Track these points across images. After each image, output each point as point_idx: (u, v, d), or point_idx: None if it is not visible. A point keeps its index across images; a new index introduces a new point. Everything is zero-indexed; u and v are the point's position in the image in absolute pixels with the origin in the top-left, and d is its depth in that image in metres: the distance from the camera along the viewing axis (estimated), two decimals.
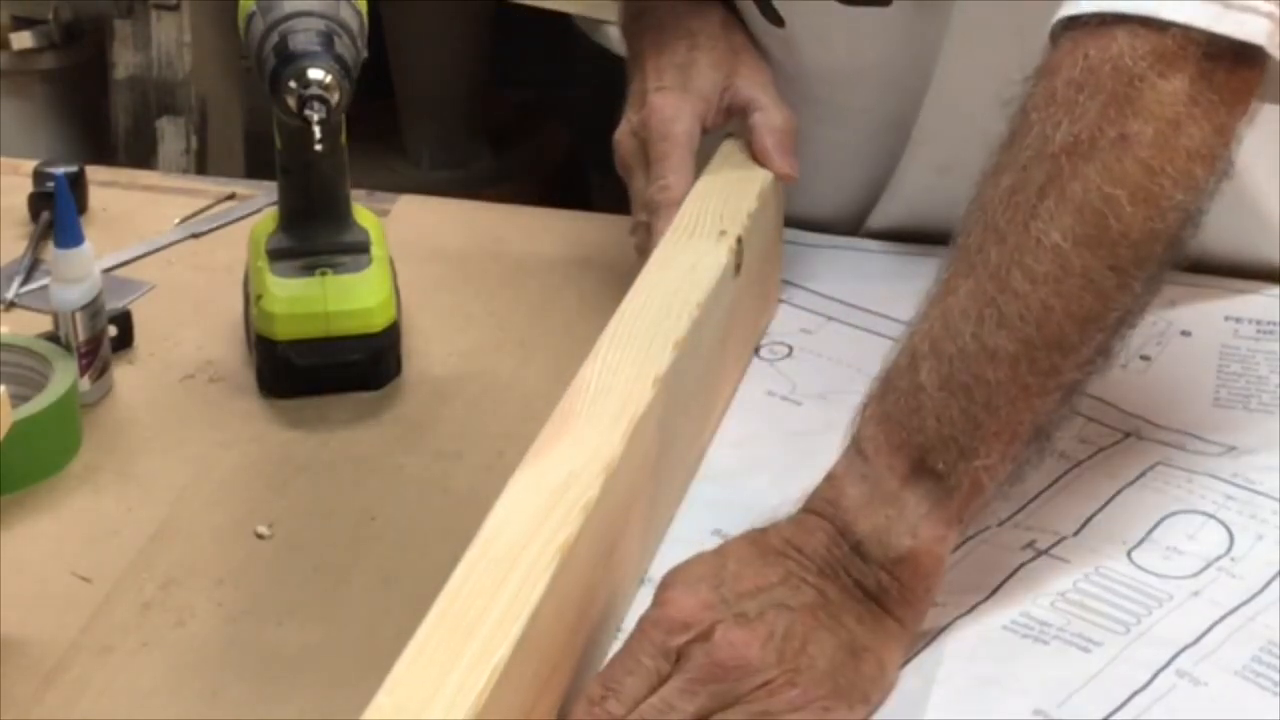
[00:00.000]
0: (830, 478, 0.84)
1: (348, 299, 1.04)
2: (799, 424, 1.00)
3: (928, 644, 0.84)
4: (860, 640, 0.80)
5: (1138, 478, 0.95)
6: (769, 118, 1.07)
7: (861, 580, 0.81)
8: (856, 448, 0.84)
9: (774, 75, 1.10)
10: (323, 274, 1.05)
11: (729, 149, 1.08)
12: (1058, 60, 0.85)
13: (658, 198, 1.04)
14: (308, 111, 0.96)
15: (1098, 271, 0.82)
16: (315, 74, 0.96)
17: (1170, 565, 0.88)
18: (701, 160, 1.07)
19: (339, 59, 0.97)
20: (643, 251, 1.02)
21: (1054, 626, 0.84)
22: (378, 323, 1.05)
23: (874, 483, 0.82)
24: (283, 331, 1.04)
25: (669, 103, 1.07)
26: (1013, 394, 0.82)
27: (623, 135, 1.09)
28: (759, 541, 0.83)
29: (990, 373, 0.81)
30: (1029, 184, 0.83)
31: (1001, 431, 0.82)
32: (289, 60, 0.97)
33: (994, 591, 0.87)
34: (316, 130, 0.97)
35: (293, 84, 0.96)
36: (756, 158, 1.07)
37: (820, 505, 0.83)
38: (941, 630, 0.84)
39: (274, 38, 0.98)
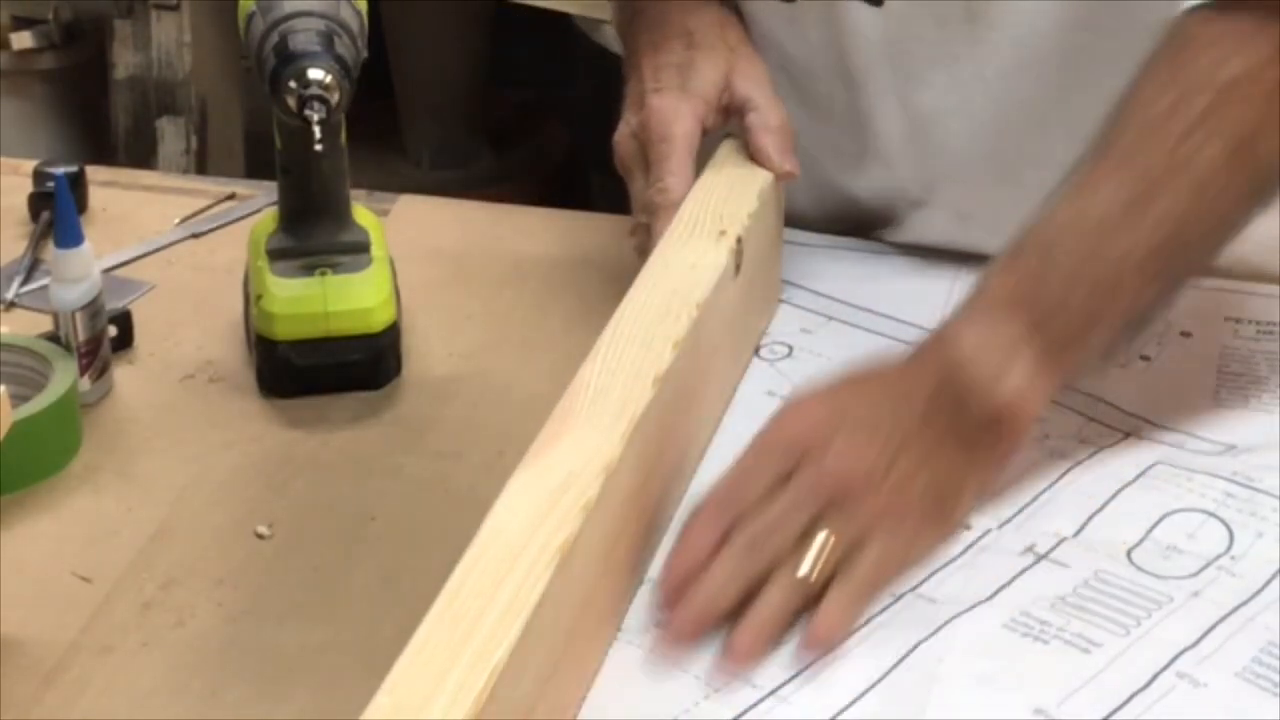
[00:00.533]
0: (948, 324, 0.91)
1: (348, 299, 1.04)
2: None
3: (927, 640, 0.84)
4: (953, 478, 0.88)
5: (1137, 476, 0.95)
6: (765, 118, 1.07)
7: (963, 422, 0.88)
8: (979, 300, 0.91)
9: (770, 73, 1.10)
10: (323, 274, 1.05)
11: (729, 149, 1.08)
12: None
13: (656, 199, 1.04)
14: (308, 111, 0.96)
15: (1238, 189, 0.91)
16: (315, 74, 0.96)
17: (1170, 565, 0.88)
18: (701, 160, 1.07)
19: (339, 59, 0.97)
20: (642, 253, 1.03)
21: (1054, 626, 0.84)
22: (378, 323, 1.05)
23: (990, 333, 0.89)
24: (283, 331, 1.04)
25: (668, 104, 1.07)
26: (1137, 286, 0.90)
27: (622, 137, 1.09)
28: (871, 376, 0.90)
29: (1122, 267, 0.89)
30: (1191, 105, 0.90)
31: (1118, 316, 0.91)
32: (289, 60, 0.97)
33: (994, 596, 0.87)
34: (316, 130, 0.97)
35: (293, 84, 0.96)
36: (755, 158, 1.07)
37: (934, 347, 0.90)
38: (941, 627, 0.84)
39: (274, 38, 0.98)
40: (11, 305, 1.14)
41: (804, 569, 0.83)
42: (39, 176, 1.23)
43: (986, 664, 0.82)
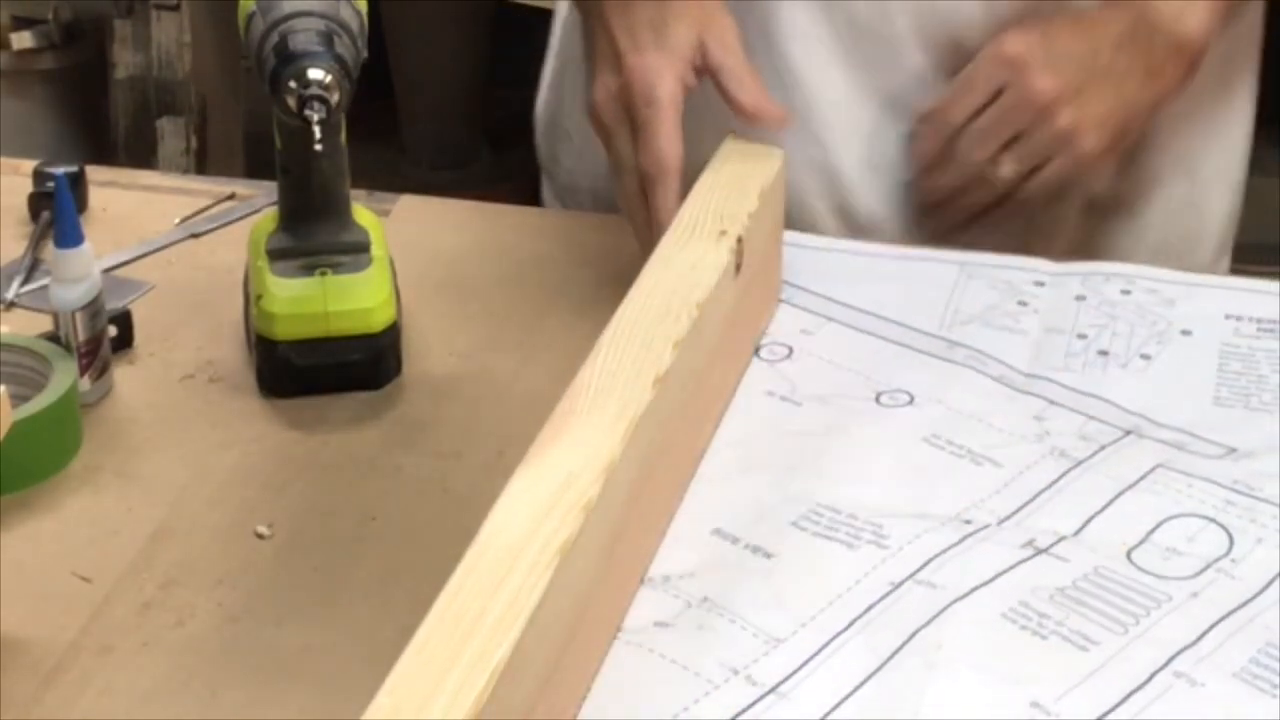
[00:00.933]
0: None
1: (348, 299, 1.04)
2: (799, 424, 1.00)
3: (926, 626, 0.84)
4: (1137, 104, 1.08)
5: (1138, 481, 0.95)
6: (739, 82, 1.07)
7: (1150, 54, 1.07)
8: None
9: (743, 33, 1.10)
10: (323, 274, 1.05)
11: (729, 149, 1.08)
12: None
13: (653, 171, 1.04)
14: (308, 111, 0.96)
15: None
16: (315, 74, 0.96)
17: (1169, 566, 0.88)
18: (702, 161, 1.07)
19: (339, 59, 0.97)
20: (646, 225, 1.04)
21: (1053, 620, 0.84)
22: (378, 323, 1.05)
23: None
24: (283, 331, 1.04)
25: (649, 64, 1.05)
26: None
27: (602, 99, 1.07)
28: (1070, 17, 1.08)
29: None
30: None
31: None
32: (289, 60, 0.97)
33: (993, 580, 0.87)
34: (316, 130, 0.97)
35: (293, 84, 0.96)
36: (739, 116, 1.08)
37: None
38: (941, 613, 0.84)
39: (274, 38, 0.98)
40: (11, 305, 1.14)
41: (1004, 171, 1.09)
42: (39, 176, 1.23)
43: (985, 656, 0.83)
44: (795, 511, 0.92)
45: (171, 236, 1.23)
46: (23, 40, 2.60)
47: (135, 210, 1.26)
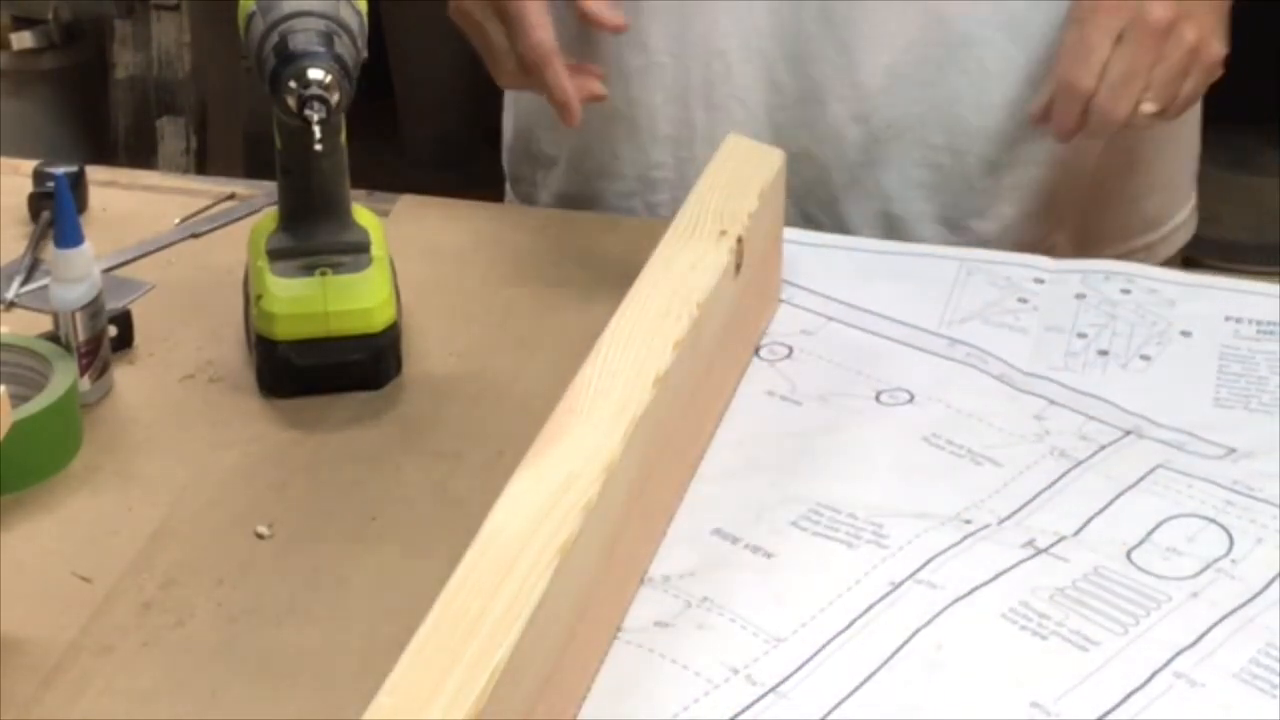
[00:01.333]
0: None
1: (348, 299, 1.04)
2: (799, 424, 1.00)
3: (926, 626, 0.84)
4: (1220, 17, 1.13)
5: (1138, 481, 0.95)
6: None
7: None
8: None
9: None
10: (323, 274, 1.05)
11: (729, 148, 1.08)
12: None
13: (535, 57, 1.12)
14: (308, 111, 0.96)
15: None
16: (315, 74, 0.96)
17: (1169, 566, 0.88)
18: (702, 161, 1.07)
19: (339, 59, 0.97)
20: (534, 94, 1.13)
21: (1053, 620, 0.84)
22: (378, 323, 1.05)
23: None
24: (283, 331, 1.04)
25: None
26: None
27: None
28: None
29: None
30: None
31: None
32: (289, 60, 0.97)
33: (993, 580, 0.87)
34: (316, 130, 0.97)
35: (293, 84, 0.96)
36: (580, 17, 1.14)
37: None
38: (941, 613, 0.84)
39: (274, 38, 0.98)
40: (11, 305, 1.14)
41: (1149, 108, 1.11)
42: (39, 176, 1.23)
43: (985, 656, 0.83)
44: (795, 511, 0.92)
45: (171, 236, 1.23)
46: (23, 40, 2.60)
47: (135, 210, 1.26)
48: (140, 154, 2.46)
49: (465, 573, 0.74)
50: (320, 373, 1.04)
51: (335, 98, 0.96)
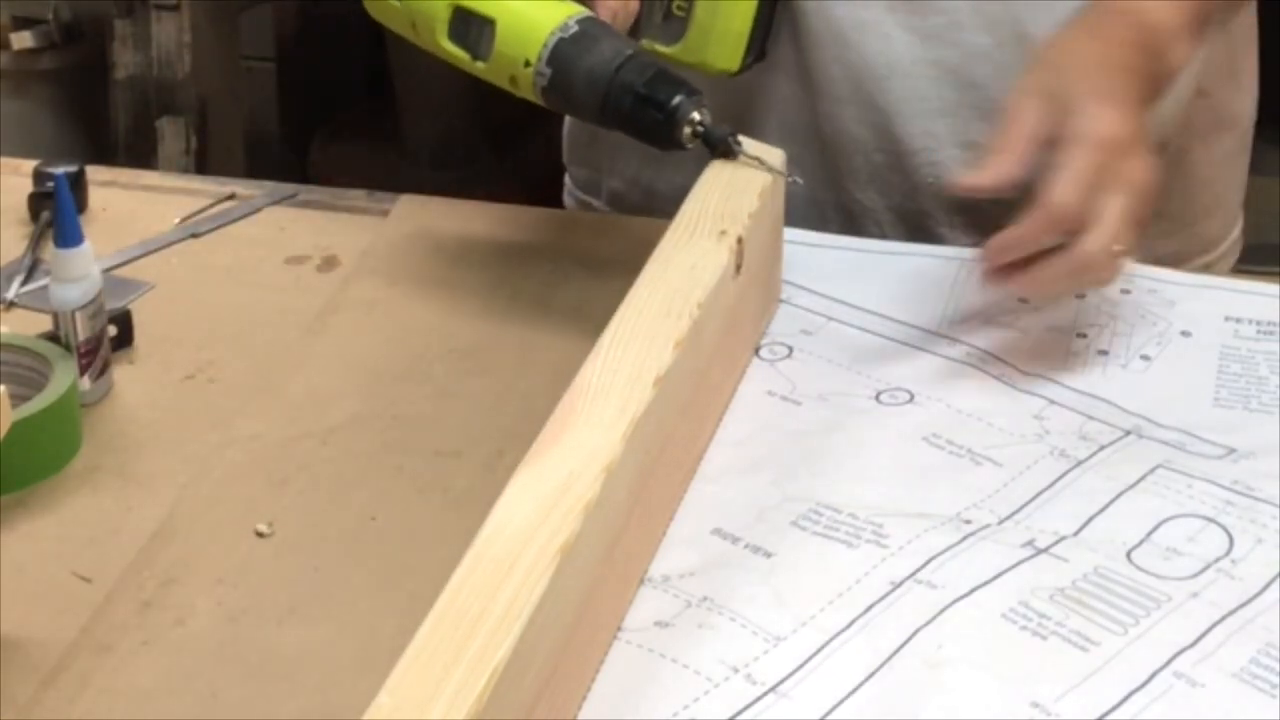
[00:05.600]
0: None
1: None
2: (799, 424, 1.00)
3: (926, 626, 0.84)
4: (1148, 113, 1.05)
5: (1138, 481, 0.95)
6: None
7: (1155, 71, 1.06)
8: None
9: None
10: None
11: None
12: None
13: None
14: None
15: None
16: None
17: (1169, 566, 0.88)
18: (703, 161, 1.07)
19: None
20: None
21: (1053, 620, 0.84)
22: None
23: (1172, 14, 1.07)
24: None
25: None
26: None
27: None
28: (1078, 46, 1.06)
29: None
30: None
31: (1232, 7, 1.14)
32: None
33: (993, 580, 0.87)
34: None
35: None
36: None
37: (1120, 18, 1.07)
38: (941, 613, 0.84)
39: None
40: (11, 305, 1.14)
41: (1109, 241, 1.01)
42: (39, 176, 1.23)
43: (985, 656, 0.83)
44: (795, 511, 0.92)
45: (171, 236, 1.23)
46: (23, 40, 2.60)
47: (135, 210, 1.26)
48: (140, 154, 2.46)
49: (465, 573, 0.74)
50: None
51: None
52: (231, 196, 1.28)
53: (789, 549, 0.90)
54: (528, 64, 1.06)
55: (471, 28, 1.09)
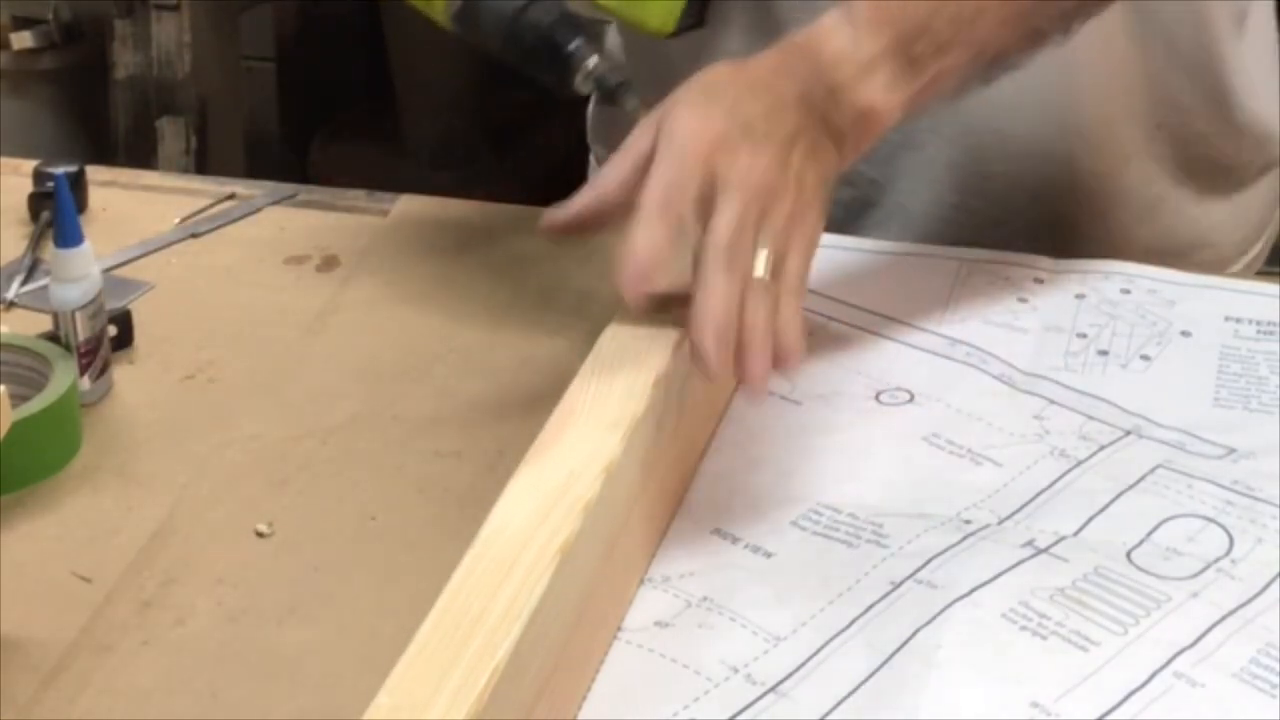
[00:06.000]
0: (814, 29, 0.96)
1: None
2: (799, 424, 1.00)
3: (926, 626, 0.84)
4: (827, 168, 0.94)
5: (1137, 481, 0.95)
6: None
7: (830, 119, 0.94)
8: (848, 13, 0.96)
9: None
10: None
11: None
12: None
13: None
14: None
15: None
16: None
17: (1169, 566, 0.88)
18: None
19: None
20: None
21: (1053, 620, 0.84)
22: None
23: (856, 44, 0.95)
24: None
25: None
26: (996, 20, 0.98)
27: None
28: (743, 72, 0.94)
29: (983, 4, 0.97)
30: None
31: (973, 45, 0.97)
32: None
33: (993, 580, 0.87)
34: None
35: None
36: None
37: (801, 49, 0.95)
38: (941, 613, 0.84)
39: None
40: (11, 305, 1.14)
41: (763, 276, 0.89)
42: (39, 176, 1.23)
43: (985, 656, 0.82)
44: (795, 511, 0.92)
45: (171, 236, 1.23)
46: (23, 40, 2.60)
47: (135, 210, 1.26)
48: (140, 154, 2.46)
49: (465, 573, 0.74)
50: None
51: None
52: (231, 196, 1.28)
53: (789, 549, 0.90)
54: None
55: None
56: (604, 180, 0.92)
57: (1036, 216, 1.22)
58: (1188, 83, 1.21)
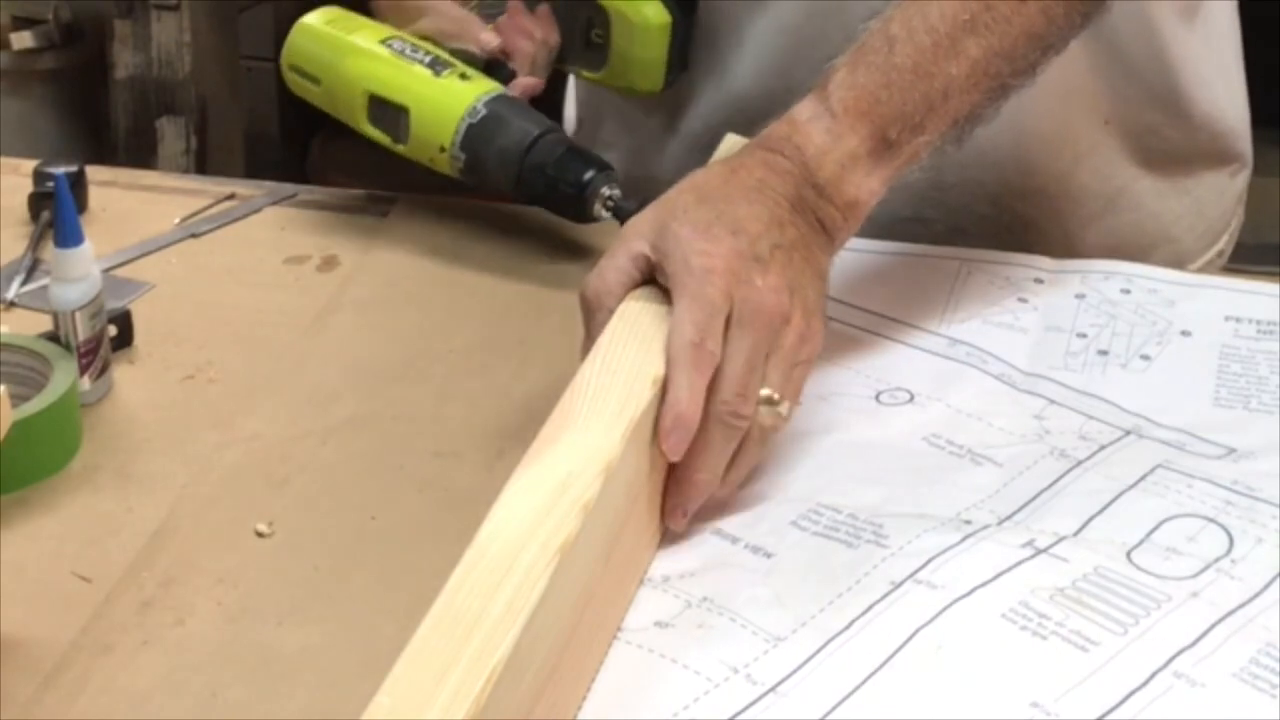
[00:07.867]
0: (794, 123, 0.98)
1: None
2: (799, 424, 1.00)
3: (926, 627, 0.84)
4: (825, 266, 0.97)
5: (1137, 481, 0.95)
6: None
7: (821, 216, 0.96)
8: (825, 105, 0.98)
9: None
10: None
11: (726, 148, 1.08)
12: None
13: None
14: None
15: (1053, 4, 1.01)
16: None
17: (1169, 566, 0.88)
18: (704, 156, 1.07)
19: None
20: None
21: (1053, 620, 0.84)
22: None
23: (837, 138, 0.97)
24: None
25: None
26: (965, 87, 0.99)
27: None
28: (733, 181, 0.95)
29: (954, 68, 0.99)
30: None
31: (946, 115, 0.99)
32: None
33: (993, 580, 0.87)
34: None
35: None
36: None
37: (785, 148, 0.97)
38: (941, 613, 0.84)
39: None
40: (11, 305, 1.14)
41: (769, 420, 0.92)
42: (39, 176, 1.24)
43: (985, 656, 0.82)
44: (795, 511, 0.92)
45: (171, 236, 1.23)
46: (23, 40, 2.60)
47: (135, 210, 1.26)
48: (140, 154, 2.46)
49: (465, 573, 0.74)
50: None
51: None
52: (231, 196, 1.28)
53: (789, 549, 0.90)
54: (443, 149, 1.15)
55: (388, 114, 1.18)
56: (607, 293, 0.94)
57: (998, 221, 1.23)
58: (1134, 76, 1.22)
